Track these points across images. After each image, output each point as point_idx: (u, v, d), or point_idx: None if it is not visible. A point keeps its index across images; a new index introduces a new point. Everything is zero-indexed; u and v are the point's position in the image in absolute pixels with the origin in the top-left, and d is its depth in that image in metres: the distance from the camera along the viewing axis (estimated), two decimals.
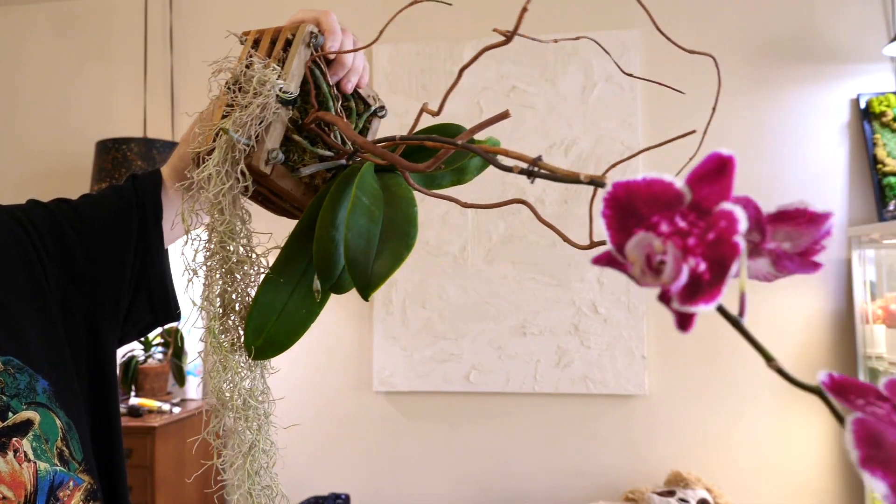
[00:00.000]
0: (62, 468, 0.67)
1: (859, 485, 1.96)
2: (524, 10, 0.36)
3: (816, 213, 0.27)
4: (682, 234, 0.24)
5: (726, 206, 0.24)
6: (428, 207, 2.12)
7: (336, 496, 2.02)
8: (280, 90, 0.55)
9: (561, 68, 2.14)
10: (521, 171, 0.36)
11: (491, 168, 1.98)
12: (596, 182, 0.31)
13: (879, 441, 0.22)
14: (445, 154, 0.47)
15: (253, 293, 0.60)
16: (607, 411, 2.10)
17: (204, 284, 0.61)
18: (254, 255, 0.61)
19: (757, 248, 0.28)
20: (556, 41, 0.44)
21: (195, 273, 0.60)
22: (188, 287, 0.60)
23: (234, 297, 0.60)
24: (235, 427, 0.61)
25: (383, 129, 2.23)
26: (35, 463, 0.65)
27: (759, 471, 2.02)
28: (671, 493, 1.84)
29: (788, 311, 2.03)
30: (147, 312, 0.78)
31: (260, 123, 0.55)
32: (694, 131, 0.48)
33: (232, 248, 0.58)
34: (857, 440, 0.22)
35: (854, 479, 1.97)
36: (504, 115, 0.46)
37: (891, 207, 1.93)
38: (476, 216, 2.14)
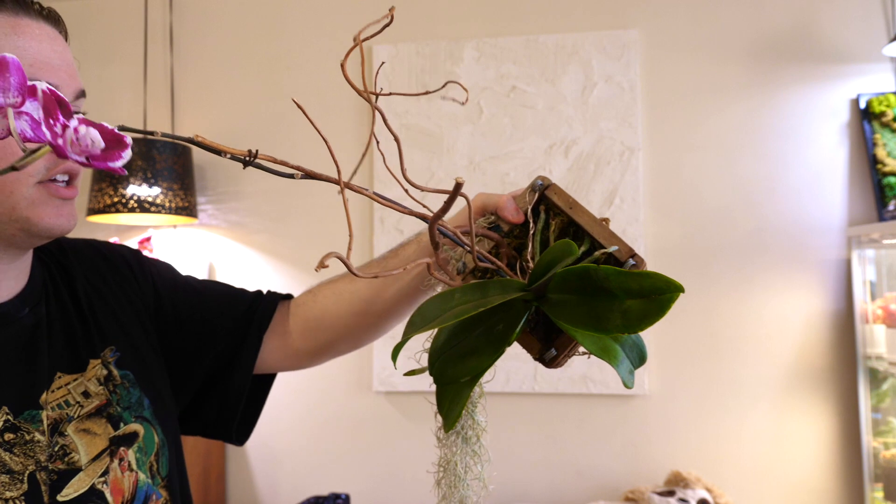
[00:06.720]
0: (151, 482, 0.72)
1: (859, 485, 1.96)
2: None
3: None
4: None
5: None
6: None
7: (336, 496, 2.02)
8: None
9: (561, 68, 2.14)
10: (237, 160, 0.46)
11: (492, 169, 1.98)
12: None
13: None
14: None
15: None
16: (607, 411, 2.10)
17: None
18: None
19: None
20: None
21: None
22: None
23: None
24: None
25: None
26: (136, 473, 0.69)
27: (759, 471, 2.02)
28: (671, 493, 1.84)
29: (788, 311, 2.03)
30: (213, 410, 0.85)
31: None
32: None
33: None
34: None
35: (854, 479, 1.97)
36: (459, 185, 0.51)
37: (891, 207, 1.93)
38: None
